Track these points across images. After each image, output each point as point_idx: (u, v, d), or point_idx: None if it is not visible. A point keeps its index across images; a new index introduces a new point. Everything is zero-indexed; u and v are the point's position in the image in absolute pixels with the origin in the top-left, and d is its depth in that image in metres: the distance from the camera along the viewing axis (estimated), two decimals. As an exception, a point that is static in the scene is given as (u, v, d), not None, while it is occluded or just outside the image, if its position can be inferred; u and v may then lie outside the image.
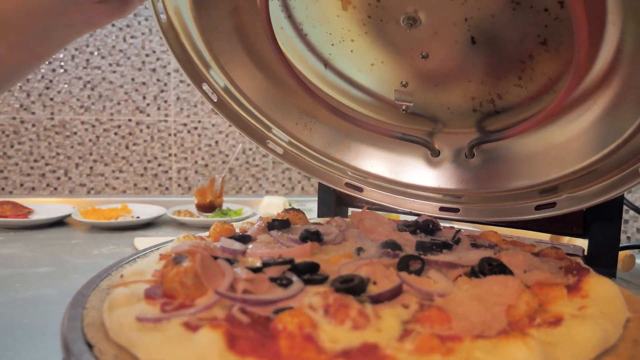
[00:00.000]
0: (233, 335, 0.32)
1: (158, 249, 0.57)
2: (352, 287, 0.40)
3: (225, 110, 0.67)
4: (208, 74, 0.64)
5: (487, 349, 0.32)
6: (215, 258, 0.44)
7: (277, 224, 0.60)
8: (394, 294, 0.40)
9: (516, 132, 0.55)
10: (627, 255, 0.95)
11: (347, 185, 0.72)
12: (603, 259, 0.60)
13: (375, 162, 0.70)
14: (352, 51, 0.61)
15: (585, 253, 0.64)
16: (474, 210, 0.66)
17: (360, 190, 0.72)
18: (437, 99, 0.61)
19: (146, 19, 1.63)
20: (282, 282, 0.42)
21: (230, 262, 0.45)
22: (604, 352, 0.35)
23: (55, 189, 1.67)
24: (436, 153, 0.66)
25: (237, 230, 0.61)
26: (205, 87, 0.65)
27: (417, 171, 0.68)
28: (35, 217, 1.36)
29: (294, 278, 0.42)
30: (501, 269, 0.45)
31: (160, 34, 0.57)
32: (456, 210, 0.67)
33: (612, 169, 0.51)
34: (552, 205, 0.57)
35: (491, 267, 0.45)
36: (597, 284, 0.44)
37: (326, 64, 0.64)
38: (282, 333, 0.33)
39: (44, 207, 1.43)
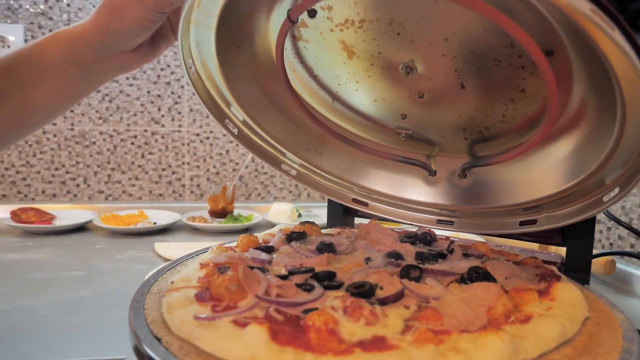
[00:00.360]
0: (274, 330, 0.40)
1: (193, 257, 0.66)
2: (363, 291, 0.47)
3: (244, 141, 0.72)
4: (229, 111, 0.70)
5: (469, 340, 0.40)
6: (251, 268, 0.52)
7: (296, 236, 0.68)
8: (398, 297, 0.47)
9: (501, 160, 0.63)
10: (608, 261, 1.01)
11: (354, 200, 0.78)
12: (578, 267, 0.66)
13: (379, 180, 0.75)
14: (357, 90, 0.66)
15: (564, 260, 0.72)
16: (466, 224, 0.71)
17: (365, 205, 0.78)
18: (433, 129, 0.68)
19: (161, 36, 1.70)
20: (306, 287, 0.49)
21: (262, 270, 0.53)
22: (562, 344, 0.43)
23: (75, 195, 1.74)
24: (433, 173, 0.72)
25: (260, 241, 0.69)
26: (226, 122, 0.71)
27: (416, 189, 0.74)
28: (58, 222, 1.42)
29: (316, 284, 0.49)
30: (485, 277, 0.52)
31: (187, 78, 0.64)
32: (451, 223, 0.73)
33: (582, 195, 0.58)
34: (533, 222, 0.64)
35: (477, 275, 0.52)
36: (563, 289, 0.51)
37: (334, 98, 0.70)
38: (312, 328, 0.40)
39: (65, 213, 1.49)
